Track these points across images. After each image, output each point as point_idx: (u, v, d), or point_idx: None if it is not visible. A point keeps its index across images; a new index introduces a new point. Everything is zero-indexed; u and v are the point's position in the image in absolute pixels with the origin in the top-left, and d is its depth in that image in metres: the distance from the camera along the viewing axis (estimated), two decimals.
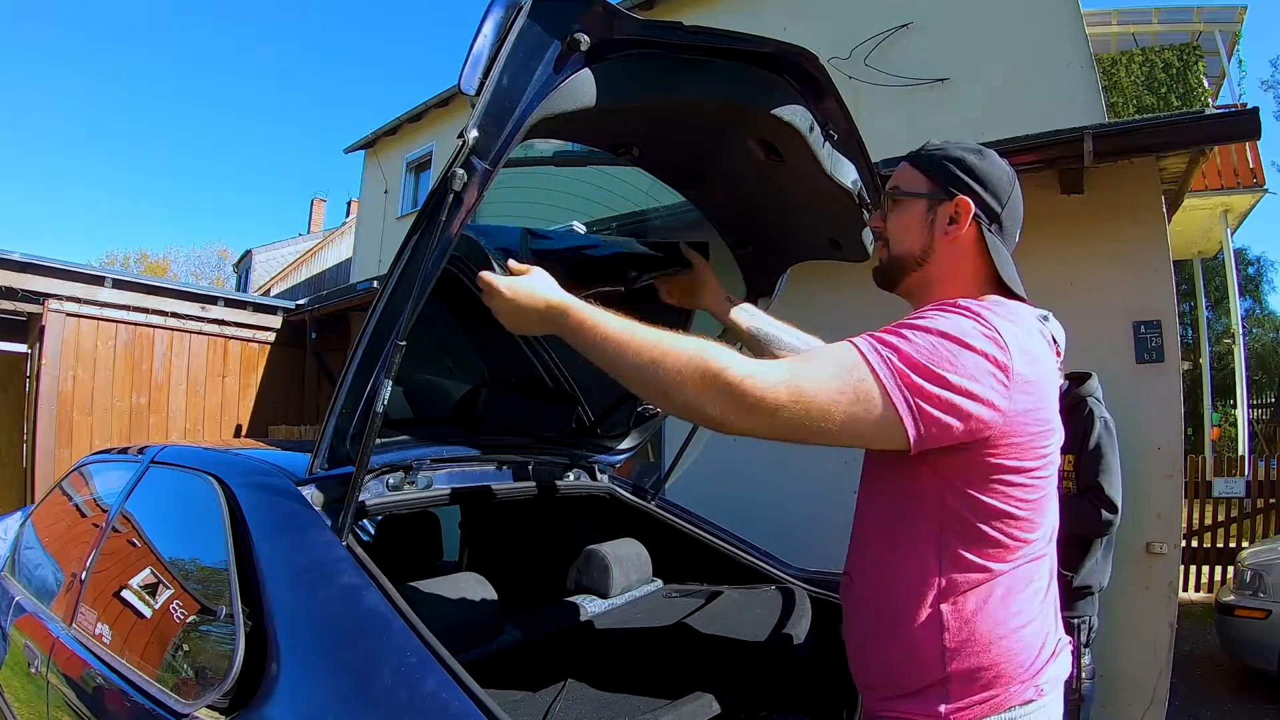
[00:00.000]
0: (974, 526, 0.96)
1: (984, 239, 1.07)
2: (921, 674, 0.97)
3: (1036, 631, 1.00)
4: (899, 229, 1.12)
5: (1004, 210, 1.08)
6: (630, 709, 1.15)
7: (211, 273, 29.64)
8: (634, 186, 1.73)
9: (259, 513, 1.35)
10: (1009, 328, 0.95)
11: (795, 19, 7.25)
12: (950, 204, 1.07)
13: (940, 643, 0.96)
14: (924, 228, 1.09)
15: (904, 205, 1.11)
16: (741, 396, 0.88)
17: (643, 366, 0.93)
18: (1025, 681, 0.98)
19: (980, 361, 0.91)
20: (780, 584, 1.91)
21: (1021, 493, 0.96)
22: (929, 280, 1.10)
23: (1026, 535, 0.98)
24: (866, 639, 1.06)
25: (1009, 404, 0.92)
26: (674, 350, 0.92)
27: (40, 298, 5.57)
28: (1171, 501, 3.16)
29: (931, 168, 1.10)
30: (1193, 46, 9.82)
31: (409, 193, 12.06)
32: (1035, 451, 0.96)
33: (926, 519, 0.98)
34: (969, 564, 0.96)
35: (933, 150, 1.11)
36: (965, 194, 1.06)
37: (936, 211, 1.08)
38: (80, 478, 2.36)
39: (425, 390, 1.82)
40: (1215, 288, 12.82)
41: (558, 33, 0.96)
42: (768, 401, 0.88)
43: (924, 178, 1.10)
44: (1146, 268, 3.32)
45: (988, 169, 1.08)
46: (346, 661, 1.06)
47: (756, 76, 1.19)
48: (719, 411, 0.89)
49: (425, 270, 1.04)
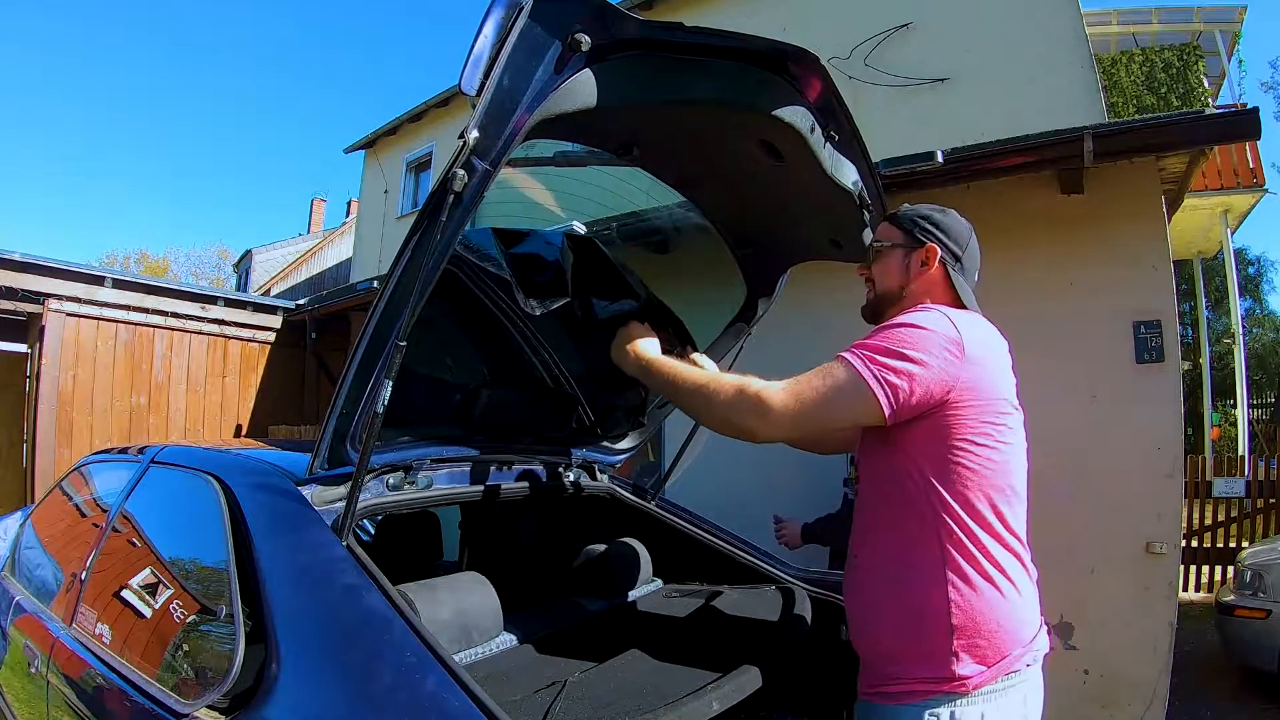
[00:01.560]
0: (956, 494, 1.15)
1: (949, 276, 1.34)
2: (931, 638, 1.12)
3: (1028, 605, 1.18)
4: (881, 273, 1.39)
5: (964, 253, 1.36)
6: (630, 709, 1.15)
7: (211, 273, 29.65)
8: (634, 186, 1.73)
9: (259, 513, 1.35)
10: (961, 318, 1.21)
11: (795, 19, 7.25)
12: (922, 250, 1.35)
13: (946, 607, 1.12)
14: (901, 270, 1.37)
15: (885, 254, 1.39)
16: (759, 405, 1.15)
17: (692, 393, 1.27)
18: (1024, 647, 1.15)
19: (934, 337, 1.15)
20: (780, 584, 1.91)
21: (987, 454, 1.16)
22: (907, 307, 1.33)
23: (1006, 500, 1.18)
24: (873, 612, 1.22)
25: (961, 371, 1.14)
26: (717, 380, 1.26)
27: (40, 298, 5.57)
28: (1171, 501, 3.16)
29: (905, 224, 1.38)
30: (1193, 46, 9.81)
31: (409, 193, 12.06)
32: (992, 420, 1.17)
33: (913, 494, 1.18)
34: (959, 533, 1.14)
35: (907, 212, 1.40)
36: (933, 241, 1.34)
37: (911, 257, 1.36)
38: (80, 478, 2.36)
39: (425, 390, 1.82)
40: (1215, 288, 12.82)
41: (558, 33, 0.96)
42: (776, 405, 1.14)
43: (899, 232, 1.38)
44: (1146, 268, 3.32)
45: (950, 223, 1.37)
46: (346, 661, 1.06)
47: (757, 77, 1.19)
48: (749, 422, 1.17)
49: (425, 270, 1.04)
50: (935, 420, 1.15)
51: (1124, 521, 3.17)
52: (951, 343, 1.15)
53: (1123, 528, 3.17)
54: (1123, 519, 3.17)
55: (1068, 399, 3.27)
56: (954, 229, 1.36)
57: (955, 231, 1.36)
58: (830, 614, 1.72)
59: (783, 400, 1.14)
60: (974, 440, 1.15)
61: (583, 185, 1.79)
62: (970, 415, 1.15)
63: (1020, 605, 1.16)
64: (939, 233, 1.35)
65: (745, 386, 1.18)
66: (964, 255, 1.36)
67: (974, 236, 1.38)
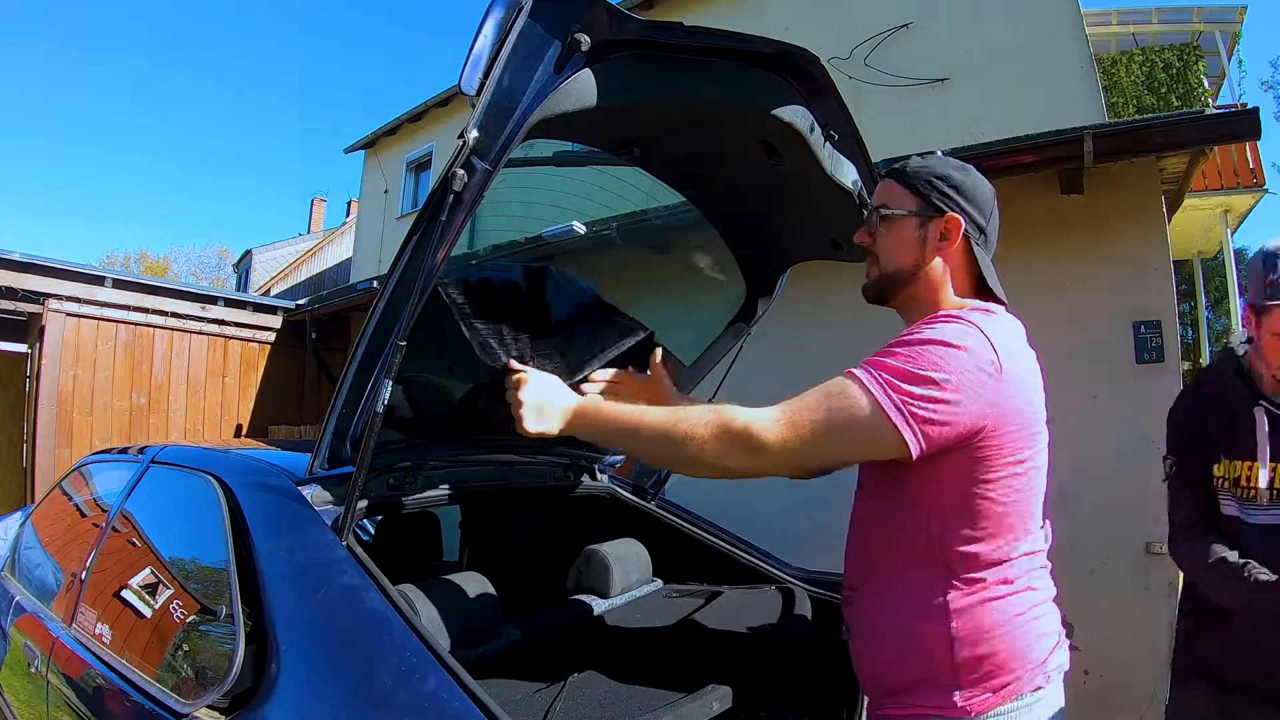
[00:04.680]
0: (971, 523, 1.00)
1: (972, 252, 1.11)
2: (933, 667, 1.00)
3: (1042, 621, 1.05)
4: (890, 245, 1.13)
5: (988, 224, 1.12)
6: (630, 709, 1.15)
7: (211, 273, 29.62)
8: (634, 186, 1.73)
9: (259, 513, 1.35)
10: (995, 327, 1.01)
11: (796, 19, 7.25)
12: (940, 221, 1.09)
13: (948, 636, 0.99)
14: (916, 244, 1.11)
15: (893, 222, 1.12)
16: (750, 441, 0.95)
17: (657, 439, 1.02)
18: (1035, 668, 1.02)
19: (969, 360, 0.95)
20: (780, 584, 1.91)
21: (1016, 483, 1.00)
22: (920, 292, 1.12)
23: (1025, 527, 1.03)
24: (876, 641, 1.08)
25: (997, 395, 0.96)
26: (688, 419, 0.99)
27: (40, 298, 5.56)
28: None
29: (918, 185, 1.11)
30: (1193, 46, 9.80)
31: (409, 193, 12.05)
32: (1024, 445, 1.01)
33: (926, 520, 1.01)
34: (969, 560, 1.00)
35: (918, 168, 1.13)
36: (955, 211, 1.09)
37: (927, 228, 1.10)
38: (80, 478, 2.36)
39: (425, 390, 1.82)
40: (1215, 288, 12.81)
41: (558, 33, 0.96)
42: (773, 441, 0.94)
43: (911, 195, 1.12)
44: (1146, 268, 3.32)
45: (973, 186, 1.11)
46: (347, 661, 1.06)
47: (757, 77, 1.19)
48: (738, 462, 0.96)
49: (425, 270, 1.04)
50: (962, 452, 0.97)
51: (1124, 522, 3.17)
52: (989, 364, 0.96)
53: (1123, 528, 3.17)
54: (1123, 519, 3.17)
55: (1068, 399, 3.26)
56: (978, 193, 1.11)
57: (980, 197, 1.11)
58: (830, 614, 1.72)
59: (779, 434, 0.94)
60: (1001, 472, 0.99)
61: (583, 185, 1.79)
62: (1003, 443, 0.98)
63: (1032, 627, 1.03)
64: (961, 199, 1.10)
65: (729, 421, 0.96)
66: (988, 227, 1.12)
67: (995, 201, 1.15)
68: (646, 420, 1.04)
